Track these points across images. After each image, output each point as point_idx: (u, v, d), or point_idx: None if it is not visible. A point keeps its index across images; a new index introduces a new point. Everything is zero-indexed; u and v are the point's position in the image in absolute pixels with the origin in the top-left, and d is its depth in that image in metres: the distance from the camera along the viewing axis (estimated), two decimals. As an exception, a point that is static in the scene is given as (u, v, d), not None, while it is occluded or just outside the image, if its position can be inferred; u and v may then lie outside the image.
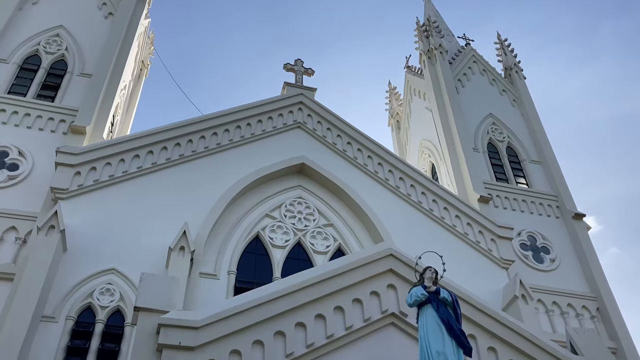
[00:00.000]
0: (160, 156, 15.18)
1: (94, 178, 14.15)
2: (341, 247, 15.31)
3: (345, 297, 9.57)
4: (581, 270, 17.22)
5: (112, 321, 12.28)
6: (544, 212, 18.63)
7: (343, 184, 16.25)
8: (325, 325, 9.18)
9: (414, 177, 17.16)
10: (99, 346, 11.84)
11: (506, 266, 15.94)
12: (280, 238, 15.01)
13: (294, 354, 8.70)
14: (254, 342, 8.61)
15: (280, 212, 15.58)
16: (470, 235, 16.34)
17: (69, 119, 15.71)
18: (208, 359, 8.22)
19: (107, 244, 13.12)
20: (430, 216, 16.51)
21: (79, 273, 12.52)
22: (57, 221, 12.52)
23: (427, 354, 7.73)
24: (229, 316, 8.63)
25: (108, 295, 12.46)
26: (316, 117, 17.65)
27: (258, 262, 14.57)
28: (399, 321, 9.61)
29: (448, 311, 8.22)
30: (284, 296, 9.13)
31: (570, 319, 15.89)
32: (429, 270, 8.69)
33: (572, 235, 18.03)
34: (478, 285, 14.23)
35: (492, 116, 21.35)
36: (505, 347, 9.66)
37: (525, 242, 17.51)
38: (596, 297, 16.52)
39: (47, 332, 11.55)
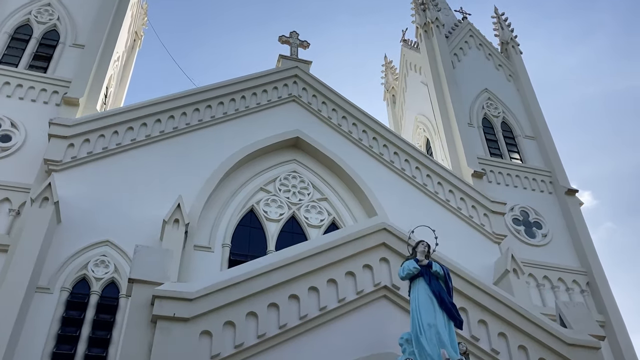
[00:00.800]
0: (154, 129, 15.11)
1: (88, 150, 14.10)
2: (335, 221, 15.39)
3: (339, 270, 9.65)
4: (572, 245, 17.41)
5: (107, 293, 12.37)
6: (537, 187, 18.74)
7: (337, 158, 16.26)
8: (319, 297, 9.28)
9: (408, 152, 17.18)
10: (94, 317, 11.94)
11: (498, 241, 16.10)
12: (274, 212, 15.06)
13: (287, 325, 8.81)
14: (248, 314, 8.71)
15: (275, 185, 15.60)
16: (464, 210, 16.45)
17: (62, 91, 15.56)
18: (202, 330, 8.31)
19: (101, 216, 13.14)
20: (424, 191, 16.58)
21: (73, 245, 12.56)
22: (50, 193, 12.51)
23: (418, 326, 7.83)
24: (223, 288, 8.70)
25: (103, 267, 12.52)
26: (311, 90, 17.56)
27: (252, 235, 14.64)
28: (391, 294, 9.72)
29: (440, 284, 8.32)
30: (277, 269, 9.20)
31: (561, 293, 16.12)
32: (421, 244, 8.76)
33: (564, 210, 18.18)
34: (470, 260, 14.36)
35: (487, 91, 21.30)
36: (495, 320, 9.80)
37: (518, 217, 17.64)
38: (586, 271, 16.73)
39: (42, 303, 11.64)
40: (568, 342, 9.74)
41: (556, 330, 9.84)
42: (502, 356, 9.46)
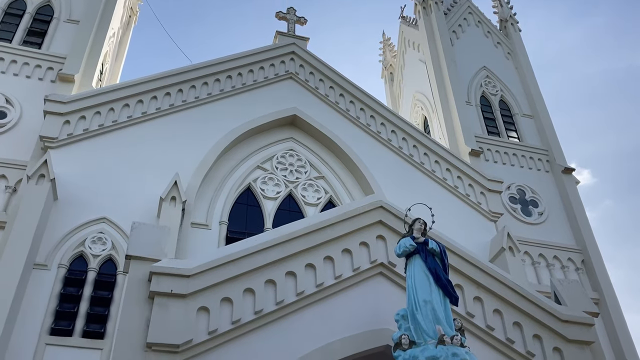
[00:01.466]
0: (151, 106, 15.02)
1: (84, 127, 14.03)
2: (332, 199, 15.42)
3: (335, 248, 9.70)
4: (568, 223, 17.51)
5: (105, 269, 12.42)
6: (534, 166, 18.77)
7: (335, 137, 16.22)
8: (315, 274, 9.33)
9: (406, 130, 17.14)
10: (92, 294, 12.00)
11: (494, 219, 16.17)
12: (271, 190, 15.07)
13: (284, 301, 8.87)
14: (245, 290, 8.76)
15: (272, 164, 15.58)
16: (460, 188, 16.49)
17: (57, 67, 15.43)
18: (200, 306, 8.36)
19: (97, 193, 13.13)
20: (421, 169, 16.59)
21: (70, 222, 12.57)
22: (47, 170, 12.47)
23: (414, 303, 7.89)
24: (220, 265, 8.74)
25: (100, 244, 12.55)
26: (308, 67, 17.44)
27: (249, 213, 14.67)
28: (387, 271, 9.78)
29: (436, 262, 8.36)
30: (274, 246, 9.24)
31: (556, 270, 16.25)
32: (418, 222, 8.78)
33: (561, 189, 18.24)
34: (466, 237, 14.44)
35: (486, 69, 21.18)
36: (491, 297, 9.88)
37: (515, 195, 17.69)
38: (582, 249, 16.86)
39: (39, 279, 11.68)
40: (562, 319, 9.85)
41: (551, 307, 9.93)
42: (497, 332, 9.56)
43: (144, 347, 7.88)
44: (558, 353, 9.63)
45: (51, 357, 10.95)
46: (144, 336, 7.95)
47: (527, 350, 9.50)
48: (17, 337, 10.86)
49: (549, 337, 9.71)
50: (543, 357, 9.53)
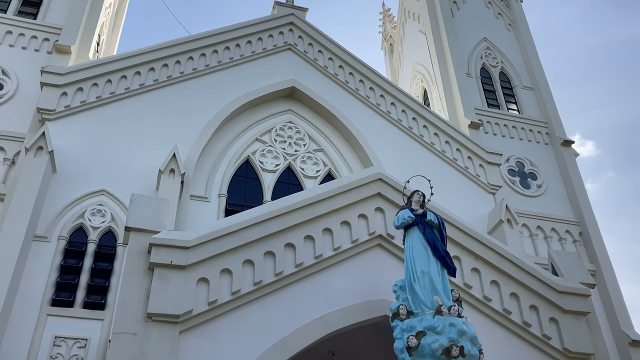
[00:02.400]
0: (148, 77, 14.90)
1: (81, 99, 13.94)
2: (331, 172, 15.41)
3: (334, 220, 9.72)
4: (567, 196, 17.56)
5: (104, 241, 12.48)
6: (533, 138, 18.73)
7: (334, 109, 16.14)
8: (314, 246, 9.38)
9: (405, 103, 17.06)
10: (92, 265, 12.08)
11: (493, 191, 16.22)
12: (270, 162, 15.05)
13: (283, 272, 8.93)
14: (244, 262, 8.80)
15: (271, 136, 15.53)
16: (459, 160, 16.49)
17: (53, 38, 15.25)
18: (200, 277, 8.42)
19: (96, 165, 13.12)
20: (420, 142, 16.56)
21: (69, 194, 12.59)
22: (45, 142, 12.44)
23: (412, 274, 7.95)
24: (219, 236, 8.77)
25: (99, 216, 12.58)
26: (307, 38, 17.25)
27: (248, 185, 14.68)
28: (385, 243, 9.83)
29: (434, 233, 8.39)
30: (273, 218, 9.26)
31: (553, 242, 16.35)
32: (416, 194, 8.79)
33: (560, 161, 18.24)
34: (465, 210, 14.50)
35: (486, 40, 20.96)
36: (488, 268, 9.95)
37: (514, 168, 17.70)
38: (579, 222, 16.94)
39: (40, 251, 11.75)
40: (559, 290, 9.94)
41: (548, 279, 10.02)
42: (494, 303, 9.66)
43: (145, 318, 7.96)
44: (554, 323, 9.75)
45: (53, 327, 11.07)
46: (145, 307, 8.02)
47: (524, 321, 9.61)
48: (19, 308, 10.97)
49: (546, 308, 9.81)
50: (539, 327, 9.64)
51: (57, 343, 10.93)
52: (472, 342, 7.19)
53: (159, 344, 7.80)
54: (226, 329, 8.31)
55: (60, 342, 10.95)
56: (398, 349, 7.44)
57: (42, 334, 10.96)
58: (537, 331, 9.60)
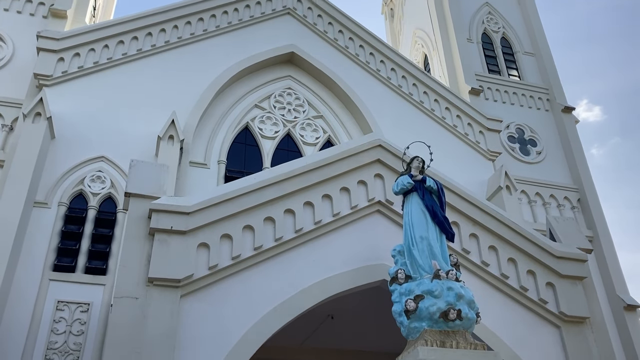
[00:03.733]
0: (145, 42, 14.72)
1: (78, 64, 13.80)
2: (330, 138, 15.37)
3: (333, 186, 9.74)
4: (566, 162, 17.57)
5: (105, 207, 12.53)
6: (533, 105, 18.63)
7: (333, 75, 16.00)
8: (314, 212, 9.41)
9: (405, 68, 16.91)
10: (93, 231, 12.15)
11: (493, 158, 16.22)
12: (269, 129, 14.99)
13: (283, 238, 8.99)
14: (244, 227, 8.85)
15: (270, 102, 15.44)
16: (459, 127, 16.45)
17: (48, 2, 15.01)
18: (200, 242, 8.47)
19: (95, 131, 13.07)
20: (420, 108, 16.48)
21: (68, 160, 12.57)
22: (43, 108, 12.37)
23: (410, 239, 8.00)
24: (219, 202, 8.79)
25: (99, 182, 12.60)
26: (307, 3, 16.98)
27: (248, 152, 14.66)
28: (384, 209, 9.87)
29: (433, 199, 8.40)
30: (273, 184, 9.27)
31: (552, 209, 16.43)
32: (416, 160, 8.77)
33: (560, 128, 18.19)
34: (464, 176, 14.54)
35: (488, 5, 20.65)
36: (486, 233, 10.02)
37: (513, 134, 17.66)
38: (578, 188, 16.99)
39: (40, 217, 11.79)
40: (556, 255, 10.03)
41: (545, 244, 10.10)
42: (491, 268, 9.75)
43: (146, 282, 8.05)
44: (551, 288, 9.87)
45: (55, 292, 11.20)
46: (146, 271, 8.10)
47: (521, 285, 9.73)
48: (21, 273, 11.08)
49: (543, 273, 9.92)
50: (536, 292, 9.76)
51: (59, 307, 11.07)
52: (469, 306, 7.28)
53: (160, 307, 7.90)
54: (227, 293, 8.41)
55: (62, 307, 11.09)
56: (396, 312, 7.54)
57: (44, 298, 11.09)
58: (533, 295, 9.73)
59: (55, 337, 10.80)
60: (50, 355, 10.63)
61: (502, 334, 9.24)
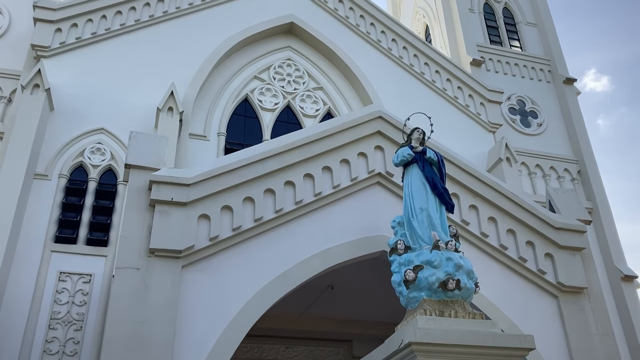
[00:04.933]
0: (144, 13, 14.54)
1: (76, 35, 13.66)
2: (331, 110, 15.30)
3: (333, 158, 9.73)
4: (567, 134, 17.53)
5: (105, 179, 12.54)
6: (535, 76, 18.50)
7: (334, 45, 15.85)
8: (314, 183, 9.42)
9: (407, 39, 16.74)
10: (94, 203, 12.18)
11: (493, 130, 16.18)
12: (269, 101, 14.91)
13: (283, 209, 9.02)
14: (244, 199, 8.87)
15: (269, 74, 15.32)
16: (460, 99, 16.37)
17: (44, -29, 14.78)
18: (200, 214, 8.50)
19: (94, 103, 13.01)
20: (421, 79, 16.37)
21: (68, 132, 12.54)
22: (41, 80, 12.28)
23: (410, 210, 8.02)
24: (219, 174, 8.79)
25: (99, 154, 12.58)
26: (306, -28, 16.73)
27: (247, 124, 14.61)
28: (385, 180, 9.88)
29: (433, 170, 8.40)
30: (273, 156, 9.26)
31: (552, 181, 16.46)
32: (416, 131, 8.74)
33: (561, 99, 18.10)
34: (465, 148, 14.52)
35: (490, -26, 20.36)
36: (486, 205, 10.05)
37: (514, 106, 17.58)
38: (578, 160, 16.99)
39: (41, 189, 11.81)
40: (555, 226, 10.07)
41: (544, 215, 10.13)
42: (490, 239, 9.81)
43: (147, 253, 8.10)
44: (549, 258, 9.94)
45: (57, 263, 11.28)
46: (147, 242, 8.14)
47: (520, 256, 9.80)
48: (23, 245, 11.14)
49: (542, 244, 9.98)
50: (535, 263, 9.83)
51: (62, 278, 11.17)
52: (468, 276, 7.34)
53: (162, 278, 7.97)
54: (228, 264, 8.47)
55: (65, 278, 11.19)
56: (395, 282, 7.61)
57: (47, 270, 11.17)
58: (532, 266, 9.80)
59: (58, 307, 10.92)
60: (54, 325, 10.76)
61: (501, 303, 9.34)
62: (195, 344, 7.78)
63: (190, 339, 7.79)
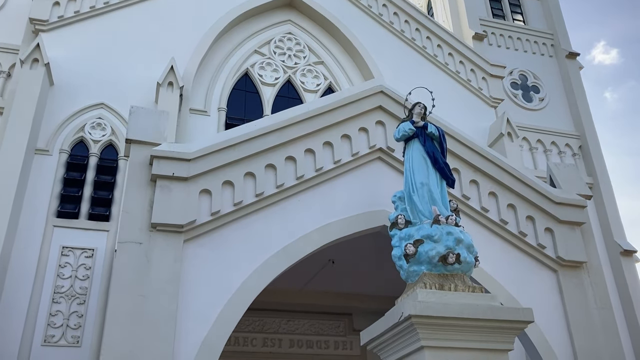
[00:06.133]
0: (142, -14, 14.38)
1: (75, 9, 13.52)
2: (332, 85, 15.22)
3: (334, 133, 9.70)
4: (569, 109, 17.45)
5: (106, 155, 12.55)
6: (538, 50, 18.35)
7: (334, 19, 15.68)
8: (315, 159, 9.41)
9: (409, 13, 16.56)
10: (95, 178, 12.20)
11: (495, 105, 16.10)
12: (269, 76, 14.82)
13: (284, 185, 9.03)
14: (245, 174, 8.87)
15: (270, 48, 15.20)
16: (462, 73, 16.26)
17: (41, -57, 14.55)
18: (202, 189, 8.52)
19: (93, 78, 12.94)
20: (423, 54, 16.24)
21: (68, 107, 12.50)
22: (40, 54, 12.20)
23: (411, 185, 8.02)
24: (220, 149, 8.78)
25: (99, 129, 12.56)
26: (307, -56, 16.46)
27: (248, 99, 14.55)
28: (385, 156, 9.87)
29: (434, 145, 8.37)
30: (274, 131, 9.23)
31: (553, 156, 16.44)
32: (418, 106, 8.68)
33: (563, 74, 17.97)
34: (466, 123, 14.45)
35: (494, -54, 20.04)
36: (487, 180, 10.05)
37: (517, 81, 17.47)
38: (580, 135, 16.94)
39: (42, 164, 11.82)
40: (556, 201, 10.09)
41: (545, 190, 10.14)
42: (491, 214, 9.83)
43: (149, 228, 8.13)
44: (549, 233, 9.97)
45: (60, 238, 11.35)
46: (149, 217, 8.17)
47: (520, 231, 9.83)
48: (25, 220, 11.20)
49: (542, 218, 10.00)
50: (535, 237, 9.87)
51: (64, 253, 11.25)
52: (468, 250, 7.37)
53: (164, 252, 8.02)
54: (229, 238, 8.51)
55: (67, 252, 11.27)
56: (396, 257, 7.65)
57: (49, 244, 11.25)
58: (532, 241, 9.85)
59: (61, 281, 11.02)
60: (58, 298, 10.88)
61: (500, 277, 9.41)
62: (198, 317, 7.86)
63: (192, 312, 7.86)
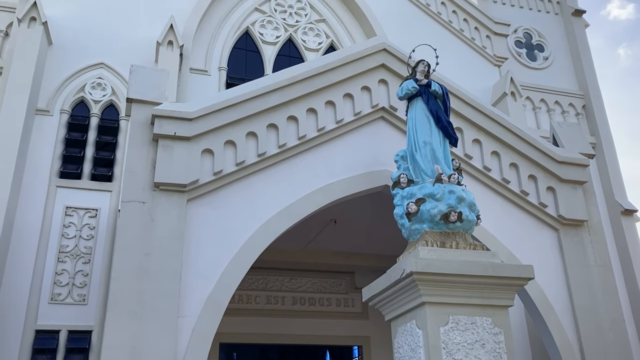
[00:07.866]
0: (139, -58, 14.03)
1: (71, -34, 13.24)
2: (334, 44, 15.01)
3: (337, 92, 9.62)
4: (573, 68, 17.24)
5: (107, 115, 12.49)
6: (543, 8, 18.01)
7: (336, -24, 15.37)
8: (317, 118, 9.36)
9: (412, -31, 16.22)
10: (97, 138, 12.18)
11: (499, 63, 15.92)
12: (270, 34, 14.61)
13: (286, 144, 9.01)
14: (247, 134, 8.85)
15: (270, 6, 14.94)
16: (466, 31, 16.01)
17: None
18: (204, 148, 8.51)
19: (92, 37, 12.77)
20: (426, 11, 15.96)
21: (67, 67, 12.37)
22: (37, 12, 12.01)
23: (414, 144, 7.99)
24: (222, 108, 8.73)
25: (100, 89, 12.47)
26: None
27: (249, 58, 14.38)
28: (388, 115, 9.81)
29: (437, 104, 8.31)
30: (275, 90, 9.15)
31: (556, 115, 16.34)
32: (421, 64, 8.58)
33: (569, 32, 17.69)
34: (469, 82, 14.31)
35: None
36: (489, 139, 10.02)
37: (521, 39, 17.21)
38: (584, 94, 16.79)
39: (43, 125, 11.78)
40: (558, 160, 10.08)
41: (547, 149, 10.12)
42: (493, 173, 9.84)
43: (152, 187, 8.16)
44: (551, 192, 10.00)
45: (63, 198, 11.41)
46: (151, 177, 8.19)
47: (522, 190, 9.85)
48: (28, 180, 11.23)
49: (544, 177, 10.01)
50: (536, 196, 9.90)
51: (68, 213, 11.33)
52: (470, 208, 7.40)
53: (167, 211, 8.07)
54: (232, 198, 8.55)
55: (71, 212, 11.34)
56: (398, 215, 7.69)
57: (53, 205, 11.31)
58: (534, 199, 9.88)
59: (66, 241, 11.13)
60: (63, 258, 11.00)
61: (501, 236, 9.48)
62: (202, 275, 7.96)
63: (197, 270, 7.96)
